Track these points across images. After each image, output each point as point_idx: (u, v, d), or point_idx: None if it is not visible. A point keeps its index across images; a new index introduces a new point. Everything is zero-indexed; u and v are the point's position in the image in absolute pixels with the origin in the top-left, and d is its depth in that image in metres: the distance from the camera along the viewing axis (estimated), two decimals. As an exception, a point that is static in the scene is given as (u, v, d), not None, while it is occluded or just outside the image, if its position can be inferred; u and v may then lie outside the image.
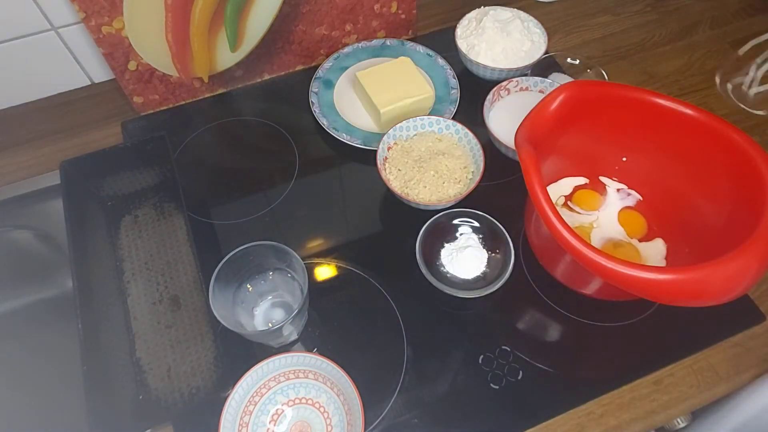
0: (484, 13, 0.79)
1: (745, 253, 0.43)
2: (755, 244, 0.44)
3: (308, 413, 0.55)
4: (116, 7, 0.65)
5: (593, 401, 0.56)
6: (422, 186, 0.65)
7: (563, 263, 0.57)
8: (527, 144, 0.51)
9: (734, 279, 0.43)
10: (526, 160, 0.49)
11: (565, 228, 0.46)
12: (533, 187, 0.48)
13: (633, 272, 0.43)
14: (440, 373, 0.58)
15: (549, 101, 0.54)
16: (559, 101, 0.54)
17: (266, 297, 0.60)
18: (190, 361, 0.59)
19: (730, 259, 0.43)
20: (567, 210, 0.64)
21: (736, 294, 0.43)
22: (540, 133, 0.54)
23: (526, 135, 0.53)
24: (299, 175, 0.72)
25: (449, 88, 0.77)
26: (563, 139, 0.58)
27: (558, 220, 0.46)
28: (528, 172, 0.49)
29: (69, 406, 0.60)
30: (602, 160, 0.64)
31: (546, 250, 0.59)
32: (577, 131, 0.58)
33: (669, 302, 0.44)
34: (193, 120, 0.78)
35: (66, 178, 0.63)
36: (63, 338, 0.62)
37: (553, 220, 0.46)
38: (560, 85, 0.55)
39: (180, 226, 0.67)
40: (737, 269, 0.43)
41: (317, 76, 0.79)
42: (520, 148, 0.51)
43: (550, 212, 0.47)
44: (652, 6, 0.90)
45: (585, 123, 0.58)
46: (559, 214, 0.46)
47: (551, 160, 0.60)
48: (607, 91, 0.56)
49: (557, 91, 0.55)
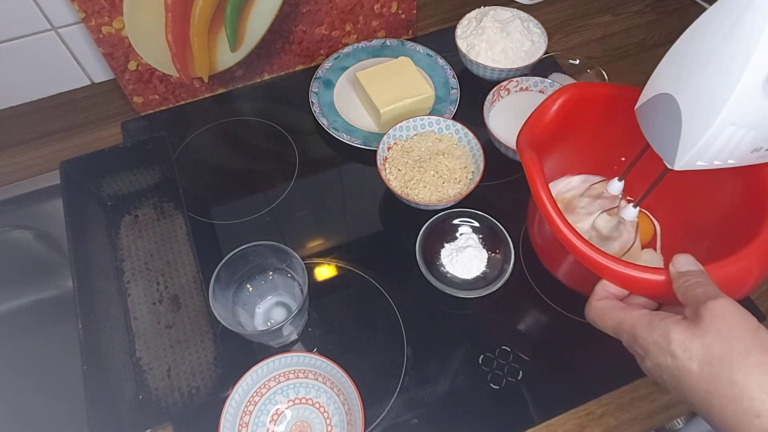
0: (484, 13, 0.79)
1: (746, 256, 0.43)
2: (756, 247, 0.44)
3: (308, 413, 0.55)
4: (116, 7, 0.65)
5: (593, 401, 0.56)
6: (422, 186, 0.65)
7: (567, 264, 0.57)
8: (529, 149, 0.51)
9: (735, 281, 0.43)
10: (530, 165, 0.49)
11: (571, 232, 0.45)
12: (538, 191, 0.48)
13: (635, 273, 0.43)
14: (440, 373, 0.58)
15: (549, 104, 0.54)
16: (558, 104, 0.54)
17: (266, 297, 0.60)
18: (190, 361, 0.59)
19: (731, 262, 0.43)
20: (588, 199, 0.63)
21: (737, 296, 0.43)
22: (541, 136, 0.53)
23: (528, 139, 0.52)
24: (299, 175, 0.72)
25: (449, 88, 0.77)
26: (564, 141, 0.58)
27: (564, 224, 0.46)
28: (532, 176, 0.49)
29: (69, 406, 0.60)
30: (603, 161, 0.63)
31: (549, 251, 0.59)
32: (578, 133, 0.58)
33: (670, 303, 0.44)
34: (193, 120, 0.78)
35: (66, 178, 0.63)
36: (63, 338, 0.62)
37: (560, 225, 0.46)
38: (559, 88, 0.55)
39: (180, 226, 0.67)
40: (738, 271, 0.43)
41: (317, 76, 0.79)
42: (522, 152, 0.51)
43: (556, 217, 0.46)
44: (652, 6, 0.90)
45: (585, 125, 0.57)
46: (565, 219, 0.46)
47: (552, 161, 0.60)
48: (606, 93, 0.56)
49: (557, 94, 0.54)
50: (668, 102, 0.40)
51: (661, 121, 0.43)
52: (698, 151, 0.39)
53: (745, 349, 0.35)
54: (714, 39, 0.37)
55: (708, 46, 0.37)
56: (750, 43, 0.34)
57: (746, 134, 0.38)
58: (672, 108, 0.40)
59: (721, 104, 0.36)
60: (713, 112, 0.37)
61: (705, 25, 0.38)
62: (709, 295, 0.38)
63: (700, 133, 0.38)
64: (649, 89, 0.44)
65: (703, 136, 0.38)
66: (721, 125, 0.37)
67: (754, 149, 0.40)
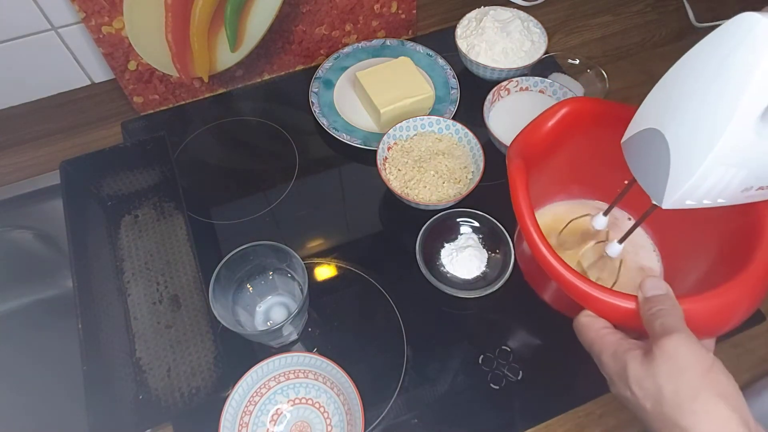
0: (484, 13, 0.79)
1: (734, 287, 0.41)
2: (746, 278, 0.42)
3: (308, 413, 0.55)
4: (116, 7, 0.65)
5: (593, 401, 0.56)
6: (422, 186, 0.65)
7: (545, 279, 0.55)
8: (518, 158, 0.49)
9: (722, 314, 0.41)
10: (515, 174, 0.47)
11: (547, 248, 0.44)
12: (518, 202, 0.46)
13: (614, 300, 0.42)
14: (440, 373, 0.58)
15: (548, 115, 0.52)
16: (559, 116, 0.52)
17: (266, 297, 0.60)
18: (190, 361, 0.59)
19: (719, 294, 0.41)
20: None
21: (723, 329, 0.42)
22: (536, 147, 0.52)
23: (520, 148, 0.51)
24: (299, 175, 0.72)
25: (449, 88, 0.77)
26: (559, 155, 0.55)
27: (541, 240, 0.44)
28: (515, 186, 0.47)
29: (69, 406, 0.60)
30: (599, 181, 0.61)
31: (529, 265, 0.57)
32: (575, 148, 0.56)
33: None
34: (193, 120, 0.78)
35: (66, 178, 0.63)
36: (63, 338, 0.62)
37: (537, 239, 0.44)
38: (561, 100, 0.53)
39: (180, 226, 0.67)
40: (726, 304, 0.41)
41: (317, 76, 0.79)
42: (510, 161, 0.49)
43: (533, 230, 0.45)
44: (652, 6, 0.90)
45: (583, 140, 0.55)
46: (542, 233, 0.45)
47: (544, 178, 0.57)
48: (610, 110, 0.54)
49: (558, 106, 0.52)
50: (656, 138, 0.39)
51: (648, 158, 0.41)
52: (687, 191, 0.37)
53: (693, 393, 0.35)
54: (705, 74, 0.35)
55: (699, 82, 0.36)
56: (742, 81, 0.33)
57: (737, 174, 0.36)
58: (660, 144, 0.38)
59: (711, 143, 0.35)
60: (703, 151, 0.35)
61: (695, 59, 0.36)
62: (665, 330, 0.37)
63: (689, 172, 0.36)
64: (636, 123, 0.42)
65: (693, 175, 0.36)
66: (711, 165, 0.35)
67: (745, 188, 0.38)
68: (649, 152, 0.40)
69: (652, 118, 0.40)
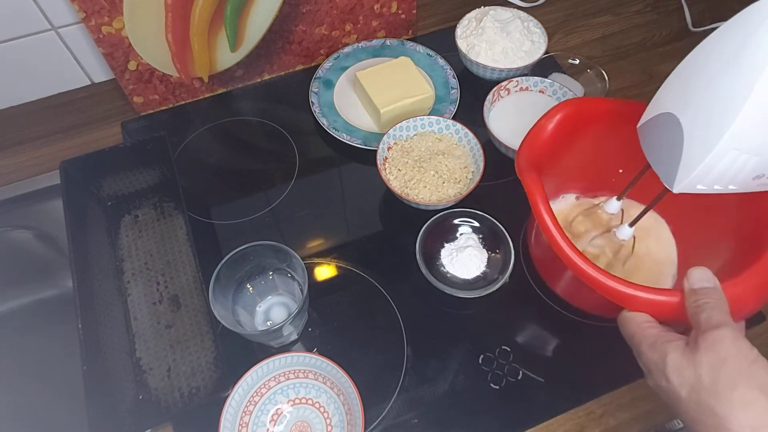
0: (484, 13, 0.79)
1: (743, 282, 0.42)
2: (755, 274, 0.43)
3: (308, 413, 0.55)
4: (116, 7, 0.65)
5: (593, 401, 0.56)
6: (422, 186, 0.65)
7: (565, 280, 0.56)
8: (529, 170, 0.50)
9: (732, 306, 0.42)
10: (532, 187, 0.48)
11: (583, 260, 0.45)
12: (541, 215, 0.47)
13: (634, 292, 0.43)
14: (440, 373, 0.58)
15: (546, 120, 0.53)
16: (557, 120, 0.53)
17: (266, 297, 0.60)
18: (190, 361, 0.59)
19: (728, 286, 0.42)
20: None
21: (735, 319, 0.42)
22: (541, 153, 0.53)
23: (528, 157, 0.51)
24: (299, 175, 0.72)
25: (449, 88, 0.77)
26: (564, 156, 0.56)
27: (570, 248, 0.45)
28: (534, 200, 0.48)
29: (69, 406, 0.60)
30: (603, 175, 0.62)
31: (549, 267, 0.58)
32: (577, 148, 0.57)
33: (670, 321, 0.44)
34: (193, 120, 0.78)
35: (66, 178, 0.63)
36: (63, 338, 0.62)
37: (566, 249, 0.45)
38: (557, 104, 0.54)
39: (180, 226, 0.67)
40: (735, 297, 0.42)
41: (317, 76, 0.79)
42: (523, 173, 0.50)
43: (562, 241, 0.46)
44: (652, 6, 0.90)
45: (584, 140, 0.56)
46: (570, 242, 0.46)
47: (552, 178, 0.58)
48: (604, 107, 0.55)
49: (554, 110, 0.54)
50: (671, 122, 0.40)
51: (662, 141, 0.41)
52: (698, 174, 0.38)
53: (732, 383, 0.35)
54: (720, 61, 0.36)
55: (714, 68, 0.36)
56: (756, 68, 0.33)
57: (749, 160, 0.37)
58: (674, 128, 0.39)
59: (724, 128, 0.35)
60: (716, 135, 0.36)
61: (712, 45, 0.37)
62: (710, 323, 0.38)
63: (701, 155, 0.37)
64: (653, 108, 0.43)
65: (705, 158, 0.37)
66: (723, 149, 0.36)
67: (756, 176, 0.39)
68: (663, 136, 0.41)
69: (668, 103, 0.40)
